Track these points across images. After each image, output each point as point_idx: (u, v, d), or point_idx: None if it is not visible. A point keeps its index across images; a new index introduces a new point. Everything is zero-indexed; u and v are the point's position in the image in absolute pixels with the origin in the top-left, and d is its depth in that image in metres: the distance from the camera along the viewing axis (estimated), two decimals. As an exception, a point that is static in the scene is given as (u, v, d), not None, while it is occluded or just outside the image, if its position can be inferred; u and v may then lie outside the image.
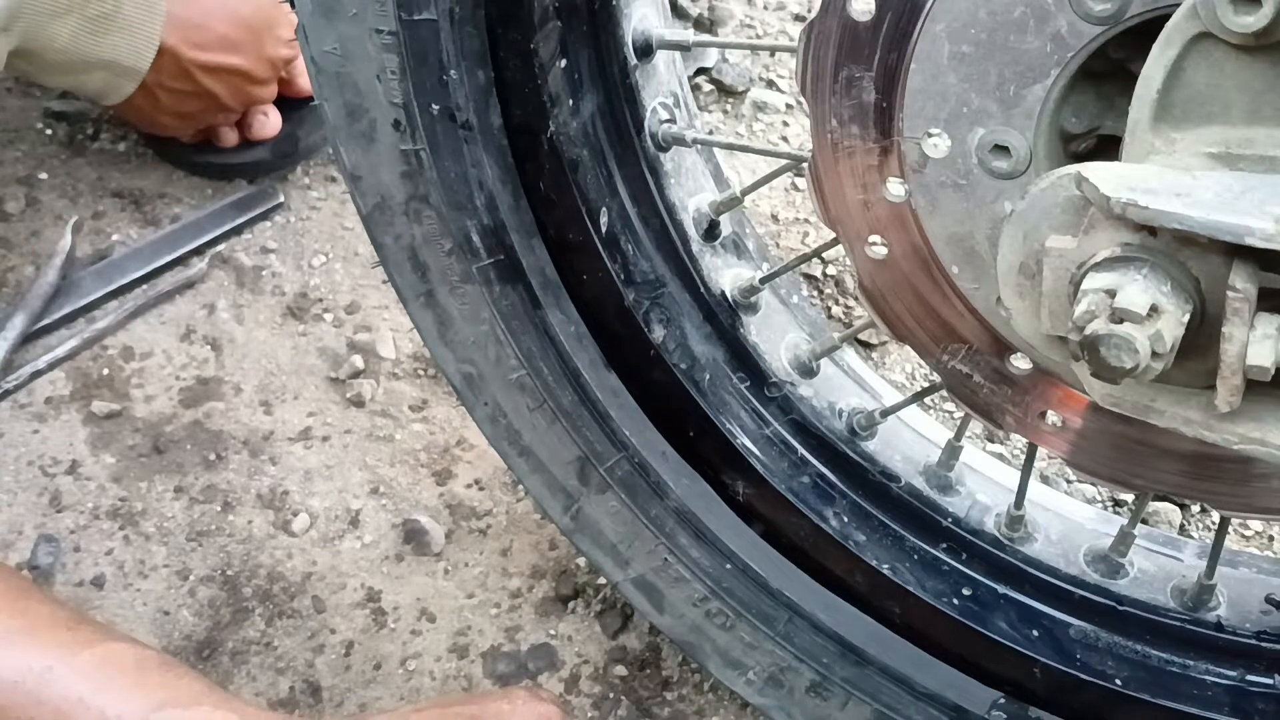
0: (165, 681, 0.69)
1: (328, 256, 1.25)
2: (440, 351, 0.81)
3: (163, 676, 0.69)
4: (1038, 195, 0.56)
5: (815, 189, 0.69)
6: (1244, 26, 0.49)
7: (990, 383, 0.71)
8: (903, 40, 0.60)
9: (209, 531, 1.03)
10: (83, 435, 1.09)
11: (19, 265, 1.20)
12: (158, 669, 0.70)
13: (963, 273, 0.65)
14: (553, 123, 0.72)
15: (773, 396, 0.83)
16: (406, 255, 0.77)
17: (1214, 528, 0.95)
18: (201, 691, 0.70)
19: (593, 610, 1.00)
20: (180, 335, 1.17)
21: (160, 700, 0.67)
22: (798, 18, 1.53)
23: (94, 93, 1.18)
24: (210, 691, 0.70)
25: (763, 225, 1.30)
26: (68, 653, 0.68)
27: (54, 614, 0.71)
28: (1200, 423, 0.56)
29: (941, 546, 0.81)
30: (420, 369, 1.16)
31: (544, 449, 0.83)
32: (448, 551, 1.04)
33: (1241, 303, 0.50)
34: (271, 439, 1.10)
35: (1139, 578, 0.79)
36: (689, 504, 0.82)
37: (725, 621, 0.85)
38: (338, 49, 0.69)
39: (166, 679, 0.69)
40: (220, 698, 0.70)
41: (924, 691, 0.81)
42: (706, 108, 1.42)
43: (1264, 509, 0.69)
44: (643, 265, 0.79)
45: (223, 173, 1.31)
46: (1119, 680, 0.77)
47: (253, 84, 1.24)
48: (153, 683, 0.69)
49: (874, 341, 1.21)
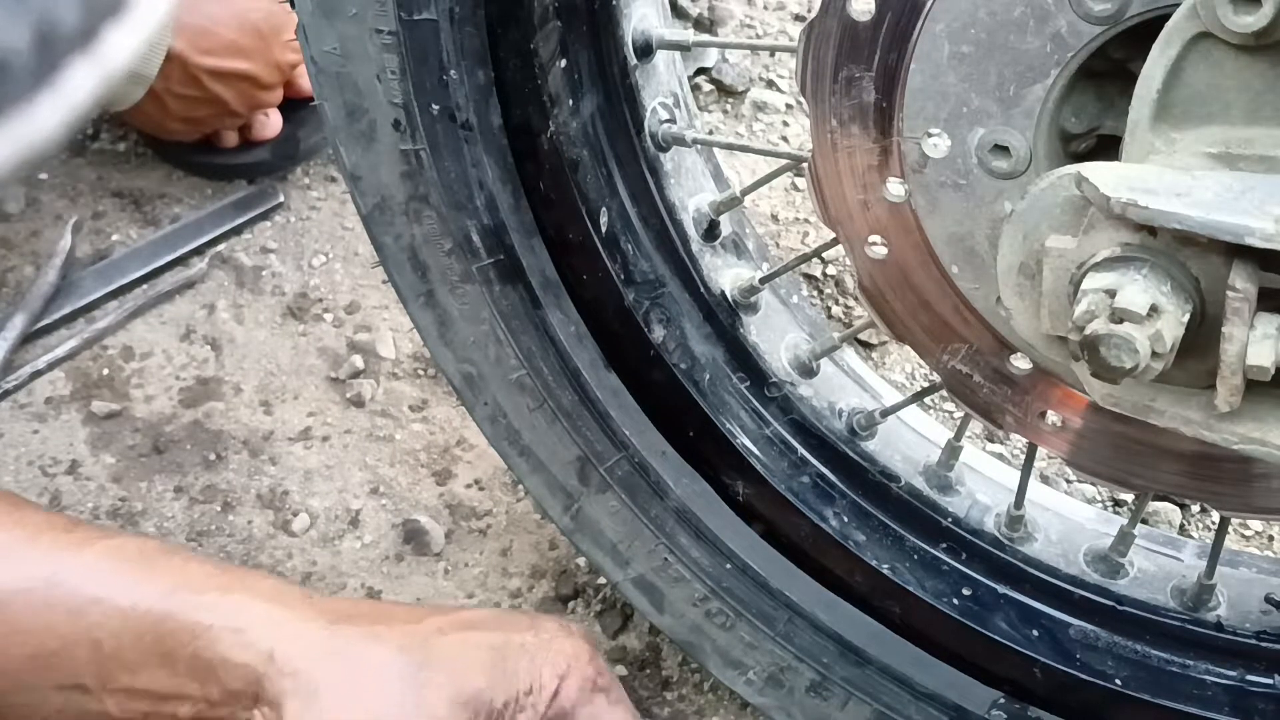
0: (173, 566, 0.68)
1: (328, 256, 1.25)
2: (440, 351, 0.81)
3: (169, 562, 0.69)
4: (1038, 195, 0.56)
5: (815, 189, 0.69)
6: (1244, 26, 0.49)
7: (990, 383, 0.71)
8: (903, 40, 0.60)
9: (209, 531, 1.03)
10: (83, 435, 1.09)
11: (19, 265, 1.20)
12: (163, 555, 0.69)
13: (963, 273, 0.65)
14: (553, 123, 0.72)
15: (773, 396, 0.83)
16: (406, 255, 0.77)
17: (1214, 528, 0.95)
18: (212, 573, 0.69)
19: (593, 610, 1.00)
20: (180, 335, 1.17)
21: (170, 585, 0.67)
22: (798, 18, 1.53)
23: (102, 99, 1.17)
24: (222, 572, 0.69)
25: (763, 225, 1.30)
26: (71, 554, 0.68)
27: (50, 519, 0.70)
28: (1200, 423, 0.56)
29: (941, 546, 0.81)
30: (420, 369, 1.16)
31: (544, 449, 0.83)
32: (448, 551, 1.04)
33: (1241, 303, 0.50)
34: (271, 439, 1.10)
35: (1139, 577, 0.79)
36: (689, 504, 0.82)
37: (725, 621, 0.85)
38: (338, 49, 0.69)
39: (173, 564, 0.69)
40: (234, 577, 0.69)
41: (924, 691, 0.81)
42: (706, 108, 1.42)
43: (1264, 509, 0.69)
44: (642, 265, 0.79)
45: (223, 173, 1.31)
46: (1119, 680, 0.77)
47: (260, 89, 1.24)
48: (160, 569, 0.68)
49: (874, 341, 1.21)
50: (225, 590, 0.67)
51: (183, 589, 0.67)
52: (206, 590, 0.67)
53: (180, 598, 0.66)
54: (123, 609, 0.65)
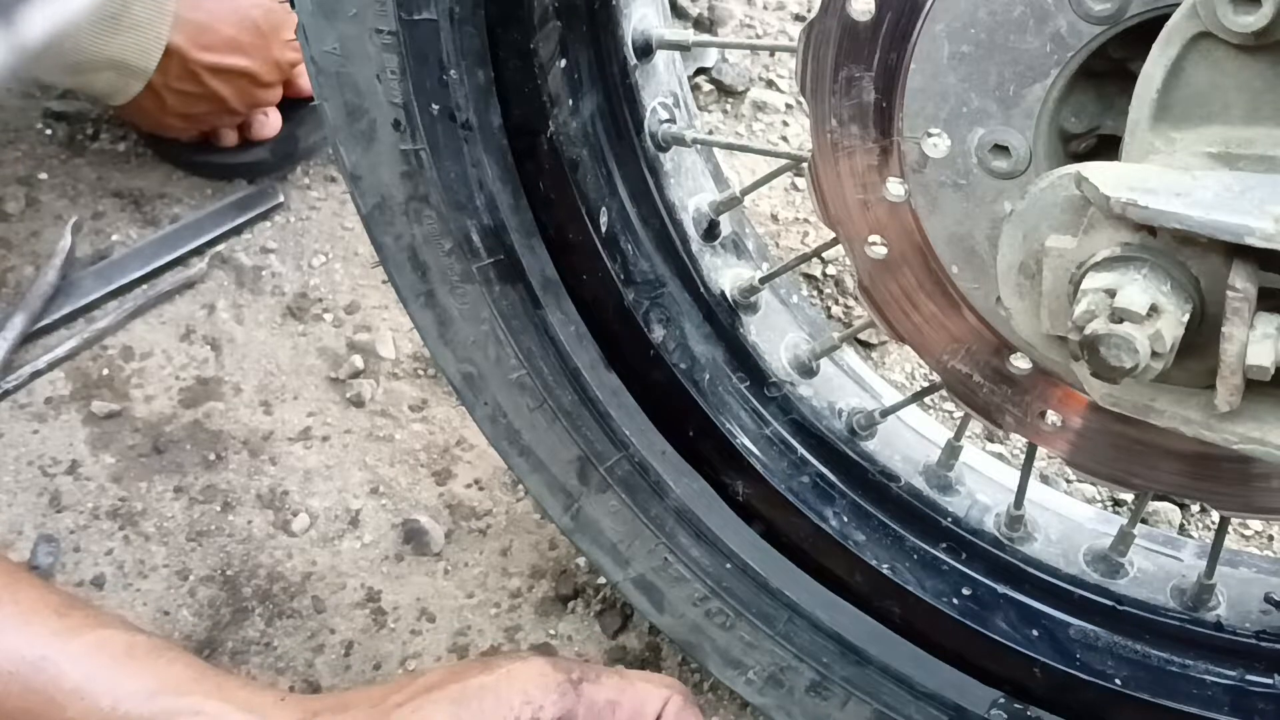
0: (157, 668, 0.70)
1: (328, 256, 1.25)
2: (440, 351, 0.81)
3: (154, 662, 0.70)
4: (1038, 195, 0.56)
5: (815, 189, 0.69)
6: (1244, 26, 0.49)
7: (990, 382, 0.71)
8: (903, 40, 0.60)
9: (209, 531, 1.03)
10: (82, 435, 1.09)
11: (19, 265, 1.20)
12: (149, 654, 0.70)
13: (963, 272, 0.65)
14: (552, 123, 0.72)
15: (772, 396, 0.83)
16: (406, 255, 0.77)
17: (1214, 527, 0.95)
18: (194, 678, 0.70)
19: (592, 610, 1.00)
20: (180, 335, 1.17)
21: (153, 688, 0.68)
22: (798, 18, 1.53)
23: (101, 93, 1.18)
24: (203, 678, 0.70)
25: (762, 225, 1.30)
26: (60, 641, 0.69)
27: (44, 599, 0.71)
28: (1200, 423, 0.56)
29: (941, 546, 0.81)
30: (420, 369, 1.16)
31: (544, 449, 0.83)
32: (447, 551, 1.04)
33: (1241, 302, 0.50)
34: (271, 439, 1.10)
35: (1139, 577, 0.79)
36: (689, 503, 0.82)
37: (725, 621, 0.85)
38: (338, 49, 0.69)
39: (158, 665, 0.70)
40: (213, 684, 0.70)
41: (924, 691, 0.81)
42: (706, 108, 1.42)
43: (1264, 509, 0.69)
44: (642, 265, 0.79)
45: (222, 173, 1.31)
46: (1119, 680, 0.77)
47: (259, 87, 1.24)
48: (146, 669, 0.69)
49: (874, 341, 1.21)
50: (205, 696, 0.69)
51: (163, 693, 0.68)
52: (188, 694, 0.69)
53: (160, 702, 0.68)
54: (102, 709, 0.67)
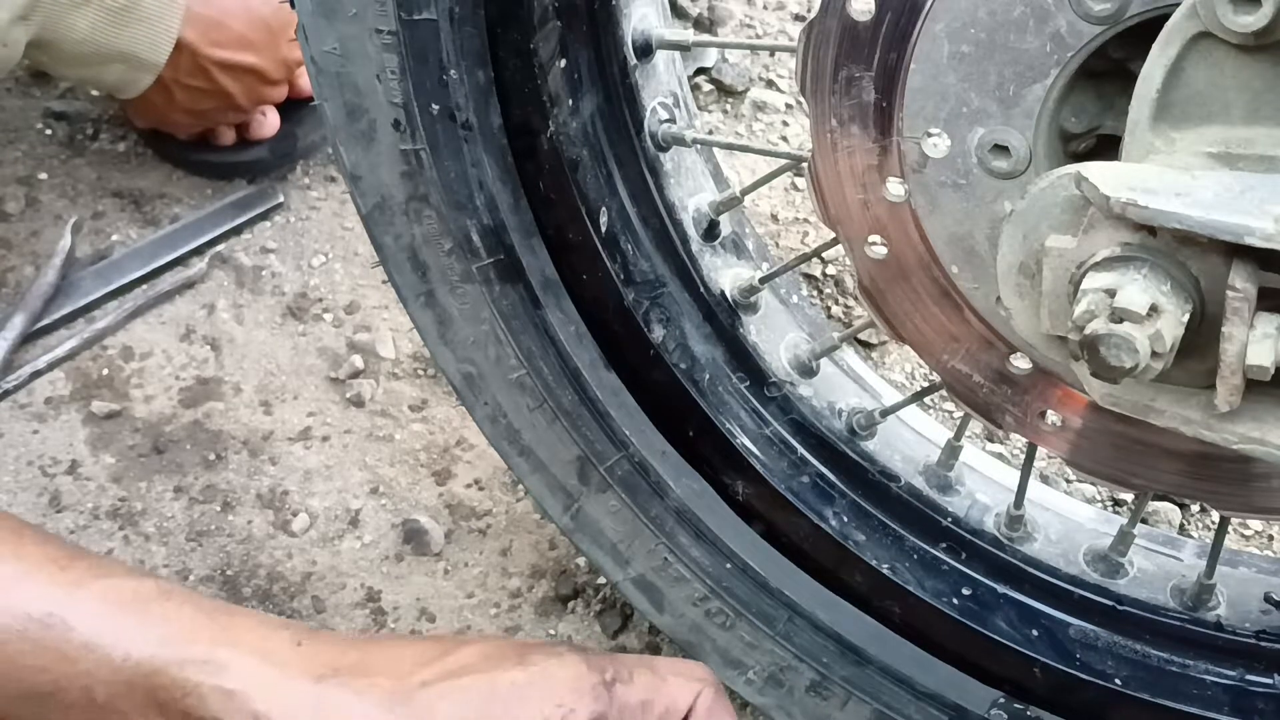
0: (166, 613, 0.69)
1: (328, 256, 1.25)
2: (440, 351, 0.81)
3: (163, 608, 0.70)
4: (1037, 195, 0.56)
5: (815, 189, 0.69)
6: (1244, 26, 0.49)
7: (990, 382, 0.71)
8: (902, 40, 0.60)
9: (209, 531, 1.03)
10: (82, 435, 1.09)
11: (19, 265, 1.20)
12: (157, 600, 0.70)
13: (963, 272, 0.65)
14: (552, 123, 0.72)
15: (772, 396, 0.83)
16: (406, 255, 0.77)
17: (1214, 527, 0.95)
18: (204, 622, 0.70)
19: (592, 610, 1.00)
20: (180, 335, 1.17)
21: (161, 635, 0.68)
22: (798, 18, 1.53)
23: (110, 86, 1.18)
24: (212, 620, 0.70)
25: (762, 225, 1.30)
26: (65, 594, 0.68)
27: (47, 553, 0.71)
28: (1200, 423, 0.56)
29: (941, 546, 0.81)
30: (420, 369, 1.16)
31: (544, 449, 0.83)
32: (447, 551, 1.04)
33: (1241, 302, 0.51)
34: (271, 439, 1.10)
35: (1139, 577, 0.79)
36: (689, 503, 0.82)
37: (725, 621, 0.85)
38: (338, 49, 0.69)
39: (167, 610, 0.69)
40: (220, 628, 0.70)
41: (924, 691, 0.81)
42: (706, 108, 1.42)
43: (1264, 509, 0.69)
44: (642, 265, 0.79)
45: (222, 172, 1.31)
46: (1119, 680, 0.77)
47: (267, 84, 1.24)
48: (153, 616, 0.69)
49: (874, 341, 1.21)
50: (214, 643, 0.68)
51: (174, 640, 0.68)
52: (197, 641, 0.68)
53: (171, 650, 0.67)
54: (114, 660, 0.67)
